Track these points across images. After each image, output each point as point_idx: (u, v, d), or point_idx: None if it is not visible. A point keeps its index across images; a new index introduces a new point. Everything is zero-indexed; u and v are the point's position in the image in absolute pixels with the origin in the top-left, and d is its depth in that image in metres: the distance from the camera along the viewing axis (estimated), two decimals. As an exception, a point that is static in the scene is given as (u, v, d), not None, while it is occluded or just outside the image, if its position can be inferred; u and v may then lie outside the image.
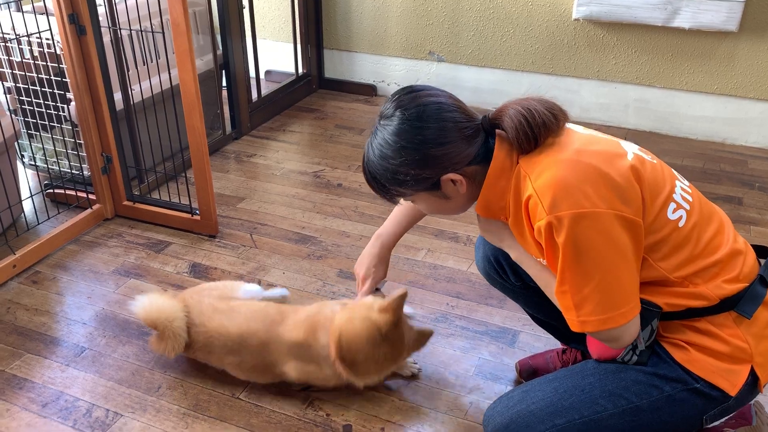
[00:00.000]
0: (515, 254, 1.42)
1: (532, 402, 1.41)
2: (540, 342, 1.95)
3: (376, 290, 1.73)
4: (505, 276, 1.67)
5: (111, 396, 1.77)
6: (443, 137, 1.27)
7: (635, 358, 1.34)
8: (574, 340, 1.75)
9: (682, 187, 1.33)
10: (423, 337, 1.71)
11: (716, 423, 1.53)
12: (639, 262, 1.24)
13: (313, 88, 3.91)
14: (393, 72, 3.81)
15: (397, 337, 1.62)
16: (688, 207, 1.30)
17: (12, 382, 1.82)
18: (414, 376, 1.83)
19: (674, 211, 1.27)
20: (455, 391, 1.79)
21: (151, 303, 1.78)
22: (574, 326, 1.26)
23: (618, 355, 1.35)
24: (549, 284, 1.34)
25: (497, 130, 1.32)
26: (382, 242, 1.72)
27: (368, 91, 3.85)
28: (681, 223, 1.27)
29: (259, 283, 2.23)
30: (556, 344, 1.93)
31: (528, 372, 1.80)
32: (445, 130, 1.27)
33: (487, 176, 1.31)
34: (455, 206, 1.38)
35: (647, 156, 1.33)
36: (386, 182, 1.34)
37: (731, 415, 1.51)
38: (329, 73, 3.94)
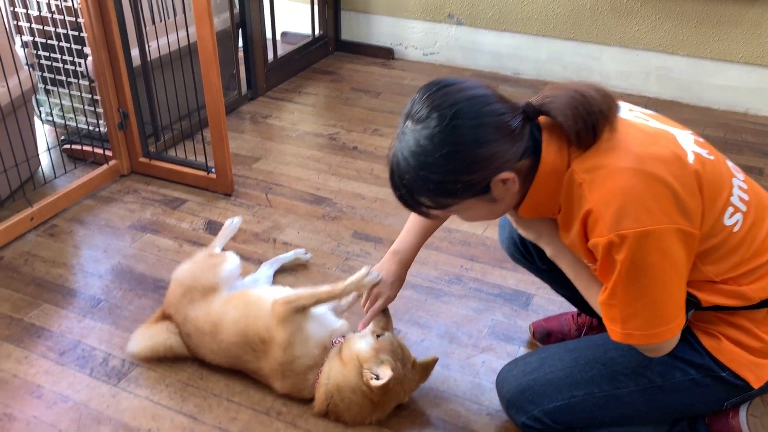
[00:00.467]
0: (552, 251, 1.34)
1: (550, 370, 1.40)
2: (554, 305, 1.95)
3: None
4: (531, 258, 1.62)
5: (132, 355, 1.79)
6: (490, 134, 1.12)
7: None
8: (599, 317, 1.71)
9: (739, 186, 1.25)
10: (427, 370, 1.62)
11: None
12: (689, 272, 1.20)
13: (329, 50, 3.87)
14: (411, 35, 3.76)
15: (391, 395, 1.53)
16: (744, 208, 1.23)
17: (30, 331, 1.84)
18: None
19: (731, 215, 1.21)
20: (467, 351, 1.79)
21: (138, 342, 1.73)
22: (616, 336, 1.21)
23: None
24: (590, 287, 1.29)
25: (542, 121, 1.20)
26: (400, 259, 1.57)
27: (385, 54, 3.81)
28: (736, 228, 1.21)
29: (274, 242, 2.23)
30: (570, 307, 1.93)
31: (542, 334, 1.80)
32: (490, 127, 1.13)
33: (536, 179, 1.18)
34: (503, 209, 1.25)
35: (705, 151, 1.23)
36: (427, 195, 1.18)
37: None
38: (346, 35, 3.90)
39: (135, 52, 2.53)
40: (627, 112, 1.26)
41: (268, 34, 3.39)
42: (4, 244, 2.18)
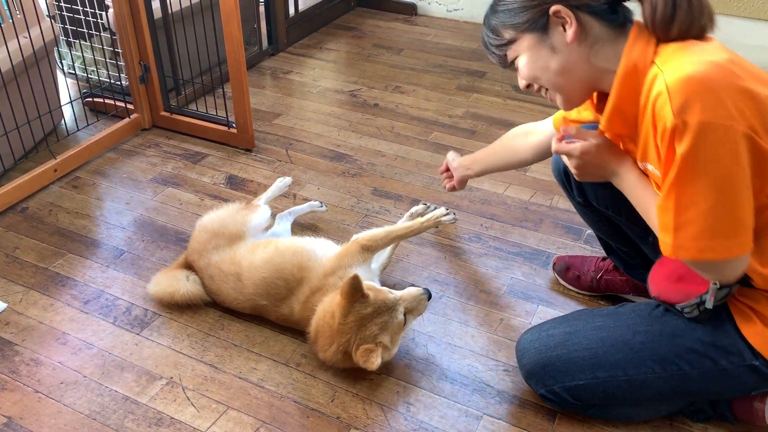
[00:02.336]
0: (616, 179, 1.29)
1: (574, 348, 1.36)
2: (574, 265, 1.94)
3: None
4: (569, 189, 1.60)
5: (149, 297, 1.82)
6: None
7: (696, 313, 1.25)
8: (633, 268, 1.68)
9: None
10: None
11: None
12: (761, 194, 1.10)
13: (351, 5, 3.81)
14: (434, -9, 3.68)
15: (361, 318, 1.48)
16: None
17: (55, 280, 1.88)
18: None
19: None
20: (486, 308, 1.80)
21: (155, 284, 1.77)
22: (666, 249, 1.12)
23: (680, 302, 1.26)
24: (651, 207, 1.21)
25: (636, 20, 1.17)
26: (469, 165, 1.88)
27: (408, 10, 3.74)
28: None
29: (294, 197, 2.24)
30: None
31: (561, 266, 1.84)
32: None
33: (619, 78, 1.15)
34: (561, 68, 1.20)
35: None
36: (497, 21, 1.23)
37: None
38: (368, -10, 3.84)
39: (156, 5, 2.51)
40: None
41: (290, -12, 3.34)
42: (28, 194, 2.21)
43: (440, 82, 3.02)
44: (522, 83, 1.29)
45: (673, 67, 1.08)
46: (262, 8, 3.23)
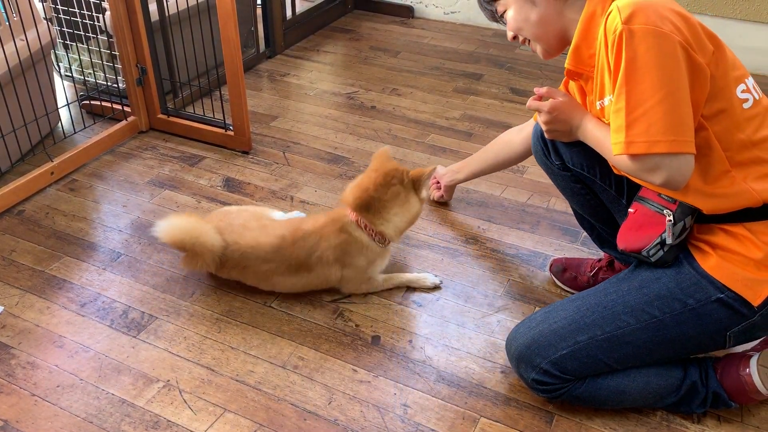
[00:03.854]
0: (580, 132, 1.41)
1: (554, 321, 1.43)
2: (571, 267, 1.94)
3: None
4: (547, 154, 1.66)
5: (146, 300, 1.82)
6: None
7: (661, 254, 1.34)
8: (609, 244, 1.75)
9: (754, 84, 1.31)
10: (419, 176, 1.76)
11: (745, 347, 1.53)
12: (697, 110, 1.21)
13: (348, 8, 3.81)
14: (431, -6, 3.69)
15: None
16: (757, 96, 1.29)
17: (52, 282, 1.87)
18: (436, 288, 1.87)
19: (743, 92, 1.26)
20: (483, 310, 1.80)
21: (173, 225, 1.74)
22: (618, 148, 1.21)
23: (644, 246, 1.35)
24: (606, 143, 1.31)
25: None
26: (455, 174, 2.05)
27: (405, 12, 3.75)
28: (746, 105, 1.26)
29: (291, 200, 2.24)
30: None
31: (558, 268, 1.86)
32: None
33: (580, 21, 1.32)
34: (539, 21, 1.38)
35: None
36: None
37: (760, 340, 1.50)
38: (366, -7, 3.84)
39: (153, 7, 2.51)
40: None
41: (287, -9, 3.35)
42: (25, 197, 2.20)
43: (437, 85, 3.03)
44: (509, 34, 1.47)
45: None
46: (259, 11, 3.23)
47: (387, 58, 3.29)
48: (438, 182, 2.17)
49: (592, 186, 1.63)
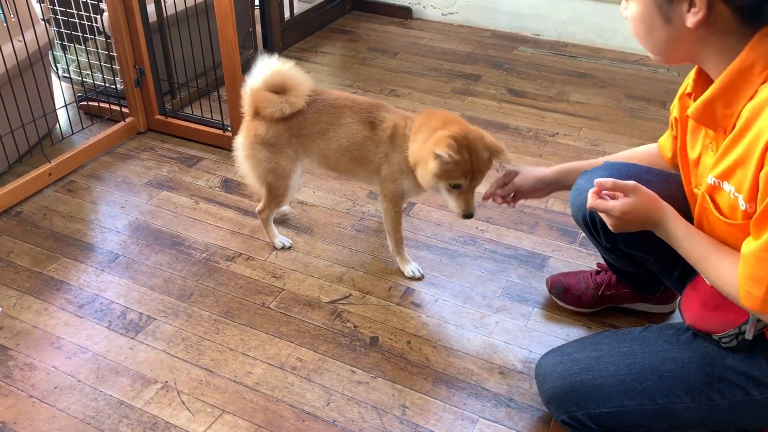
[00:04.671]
0: (661, 231, 1.21)
1: (600, 375, 1.30)
2: (569, 267, 1.94)
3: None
4: (596, 234, 1.53)
5: (144, 301, 1.82)
6: None
7: (734, 344, 1.20)
8: (645, 285, 1.66)
9: None
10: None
11: None
12: None
13: (346, 9, 3.81)
14: (429, -6, 3.69)
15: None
16: None
17: (49, 284, 1.87)
18: (415, 279, 1.90)
19: None
20: (481, 311, 1.80)
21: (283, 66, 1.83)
22: (752, 301, 1.05)
23: (718, 332, 1.21)
24: (711, 256, 1.13)
25: None
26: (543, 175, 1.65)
27: (403, 13, 3.75)
28: None
29: (289, 203, 2.23)
30: (586, 266, 1.92)
31: (559, 289, 1.79)
32: None
33: (727, 73, 1.05)
34: (665, 40, 1.11)
35: None
36: None
37: None
38: (364, -6, 3.84)
39: (151, 8, 2.50)
40: None
41: (285, -8, 3.35)
42: (23, 198, 2.20)
43: (435, 86, 3.03)
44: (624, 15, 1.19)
45: None
46: (257, 12, 3.23)
47: (385, 59, 3.29)
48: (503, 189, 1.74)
49: (641, 261, 1.52)
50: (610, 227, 1.27)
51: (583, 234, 2.05)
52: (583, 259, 1.97)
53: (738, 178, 1.06)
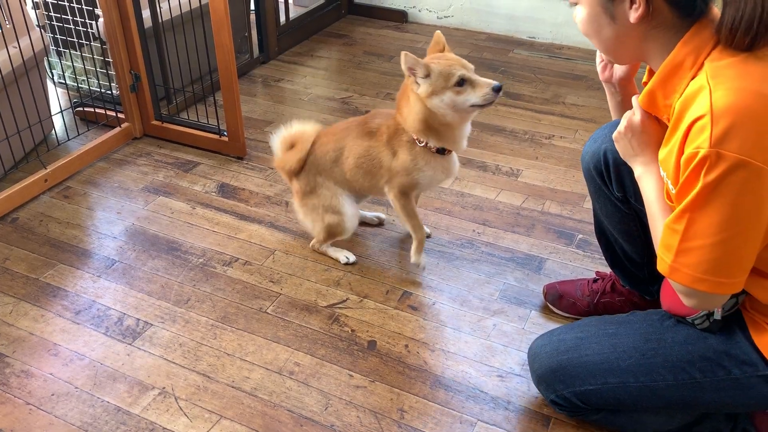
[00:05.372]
0: (641, 171, 1.27)
1: (585, 353, 1.34)
2: (566, 269, 1.94)
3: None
4: (608, 182, 1.53)
5: (141, 306, 1.81)
6: None
7: (706, 324, 1.25)
8: (638, 282, 1.67)
9: None
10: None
11: None
12: (766, 241, 1.10)
13: (342, 13, 3.82)
14: (425, -2, 3.70)
15: None
16: None
17: (46, 290, 1.86)
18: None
19: None
20: (479, 314, 1.80)
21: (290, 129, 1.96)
22: (663, 267, 1.13)
23: (690, 314, 1.26)
24: (661, 216, 1.19)
25: (705, 17, 1.11)
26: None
27: (398, 17, 3.75)
28: None
29: (286, 205, 2.23)
30: (583, 273, 1.92)
31: (554, 296, 1.79)
32: None
33: (662, 68, 1.13)
34: (613, 37, 1.18)
35: None
36: None
37: None
38: (359, -2, 3.85)
39: (146, 14, 2.51)
40: None
41: (280, -4, 3.35)
42: (19, 205, 2.20)
43: (431, 89, 3.03)
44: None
45: (723, 89, 1.03)
46: (253, 17, 3.23)
47: (381, 63, 3.30)
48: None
49: (646, 223, 1.51)
50: (617, 131, 1.29)
51: (581, 235, 2.06)
52: (580, 261, 1.98)
53: (669, 165, 1.14)
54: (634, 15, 1.12)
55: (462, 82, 1.67)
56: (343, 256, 1.97)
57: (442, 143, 1.77)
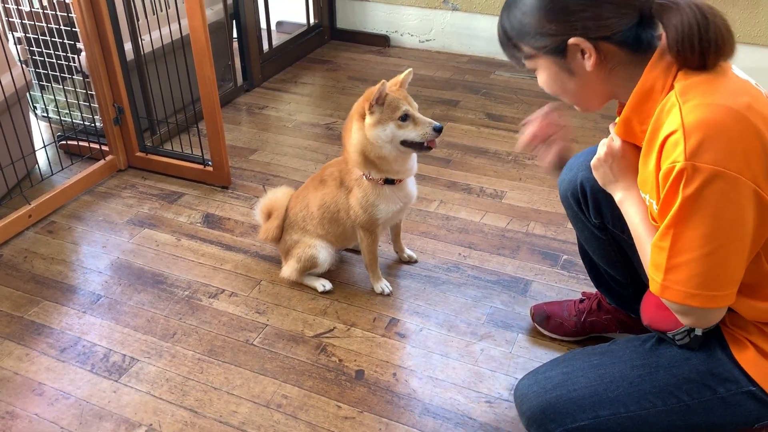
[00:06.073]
0: (622, 196, 1.28)
1: (573, 388, 1.33)
2: (552, 291, 1.95)
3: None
4: (585, 210, 1.54)
5: (127, 342, 1.80)
6: None
7: (686, 340, 1.25)
8: (624, 300, 1.68)
9: None
10: None
11: None
12: (754, 253, 1.11)
13: (325, 39, 3.85)
14: (406, 22, 3.74)
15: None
16: None
17: (30, 328, 1.85)
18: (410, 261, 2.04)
19: None
20: (466, 338, 1.80)
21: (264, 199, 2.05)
22: (654, 287, 1.14)
23: (671, 329, 1.26)
24: (648, 240, 1.19)
25: (662, 40, 1.14)
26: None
27: (381, 42, 3.79)
28: None
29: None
30: (569, 294, 1.93)
31: (541, 317, 1.79)
32: None
33: (633, 95, 1.16)
34: (578, 89, 1.22)
35: None
36: (512, 33, 1.21)
37: None
38: (341, 23, 3.88)
39: (128, 46, 2.52)
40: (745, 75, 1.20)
41: (263, 24, 3.38)
42: (2, 241, 2.18)
43: (415, 112, 3.05)
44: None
45: (692, 105, 1.07)
46: (236, 44, 3.25)
47: (365, 88, 3.27)
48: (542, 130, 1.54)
49: (626, 248, 1.54)
50: (596, 158, 1.31)
51: (566, 256, 2.07)
52: (565, 282, 1.98)
53: (650, 186, 1.16)
54: (589, 64, 1.16)
55: (405, 117, 1.72)
56: (320, 284, 1.98)
57: (384, 174, 1.81)
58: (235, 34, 3.23)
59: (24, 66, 2.46)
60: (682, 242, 1.08)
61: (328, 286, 1.97)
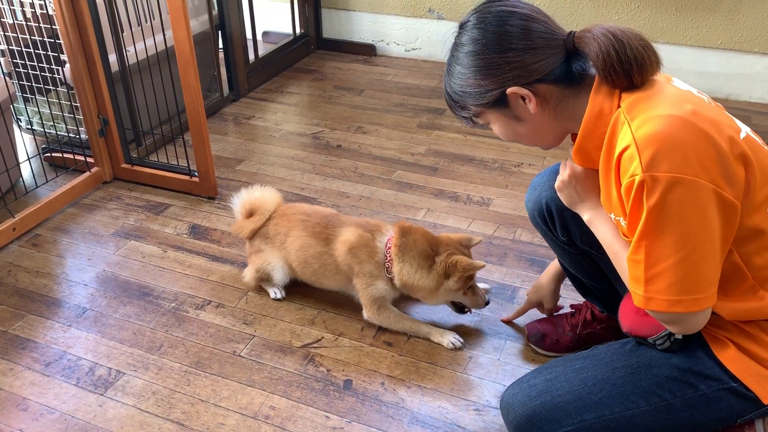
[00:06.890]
0: (590, 216, 1.33)
1: (557, 394, 1.33)
2: (539, 298, 1.95)
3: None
4: (552, 228, 1.59)
5: (113, 355, 1.79)
6: (506, 42, 1.18)
7: (667, 344, 1.27)
8: (612, 305, 1.66)
9: None
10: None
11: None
12: (726, 252, 1.14)
13: (311, 48, 3.86)
14: (392, 31, 3.75)
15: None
16: None
17: (15, 343, 1.83)
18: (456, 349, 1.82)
19: None
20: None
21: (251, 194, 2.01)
22: (638, 300, 1.16)
23: (651, 335, 1.28)
24: (622, 255, 1.23)
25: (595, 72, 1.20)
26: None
27: (367, 51, 3.80)
28: None
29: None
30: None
31: (536, 337, 1.77)
32: (509, 36, 1.18)
33: (584, 122, 1.20)
34: (531, 132, 1.27)
35: (760, 141, 1.20)
36: (456, 97, 1.27)
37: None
38: (327, 33, 3.89)
39: (113, 58, 2.51)
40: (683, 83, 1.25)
41: (249, 34, 3.38)
42: (-14, 255, 2.17)
43: (401, 121, 3.06)
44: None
45: (640, 120, 1.11)
46: (221, 55, 3.25)
47: (351, 97, 3.32)
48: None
49: (597, 261, 1.57)
50: (559, 180, 1.36)
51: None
52: (552, 288, 1.99)
53: (614, 204, 1.20)
54: (532, 107, 1.21)
55: (470, 287, 1.79)
56: (273, 291, 1.98)
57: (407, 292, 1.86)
58: (221, 45, 3.23)
59: (7, 78, 2.45)
60: (655, 252, 1.11)
61: (280, 294, 1.97)
